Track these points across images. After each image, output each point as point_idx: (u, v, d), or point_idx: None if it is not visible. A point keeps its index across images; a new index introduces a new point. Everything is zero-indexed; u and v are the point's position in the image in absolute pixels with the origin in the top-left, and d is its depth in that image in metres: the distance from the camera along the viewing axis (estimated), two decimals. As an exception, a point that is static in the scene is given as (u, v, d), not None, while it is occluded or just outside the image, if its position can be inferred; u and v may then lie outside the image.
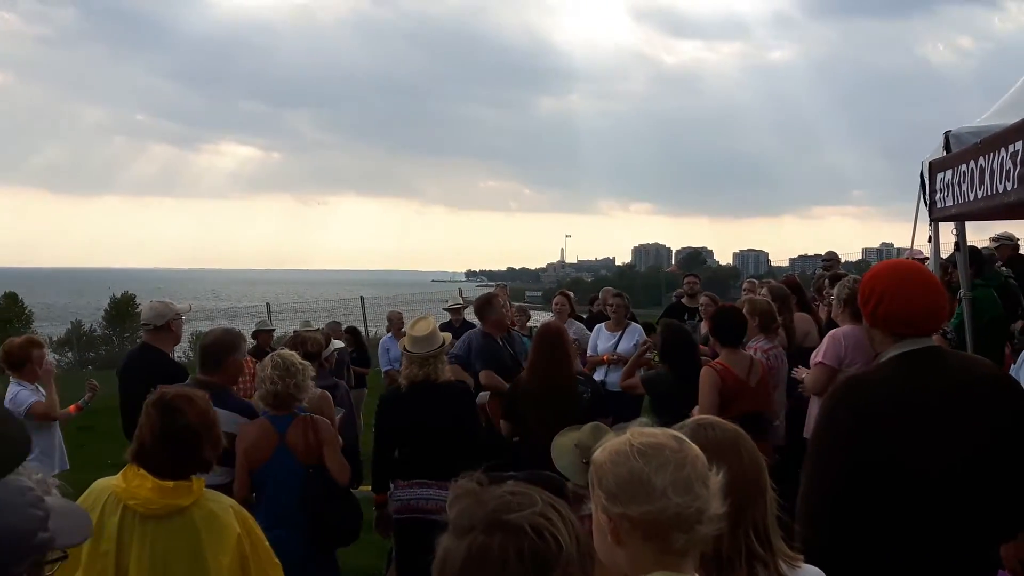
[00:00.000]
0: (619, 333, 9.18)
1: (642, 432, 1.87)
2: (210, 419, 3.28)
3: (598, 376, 8.59)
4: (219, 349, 5.22)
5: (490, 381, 7.14)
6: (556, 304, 9.84)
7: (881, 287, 2.87)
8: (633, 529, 1.76)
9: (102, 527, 3.04)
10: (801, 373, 6.12)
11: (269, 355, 4.98)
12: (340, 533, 4.97)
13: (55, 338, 29.57)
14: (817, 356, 5.82)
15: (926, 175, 6.30)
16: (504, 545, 1.40)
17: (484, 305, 7.81)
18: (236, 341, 5.37)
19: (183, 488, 3.12)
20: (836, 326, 6.13)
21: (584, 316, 11.54)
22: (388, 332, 12.80)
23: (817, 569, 2.10)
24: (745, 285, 9.00)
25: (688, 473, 1.77)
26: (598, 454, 1.86)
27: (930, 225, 6.72)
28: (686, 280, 11.21)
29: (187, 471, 3.15)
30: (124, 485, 3.10)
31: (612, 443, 1.86)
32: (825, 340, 5.84)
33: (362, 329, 20.02)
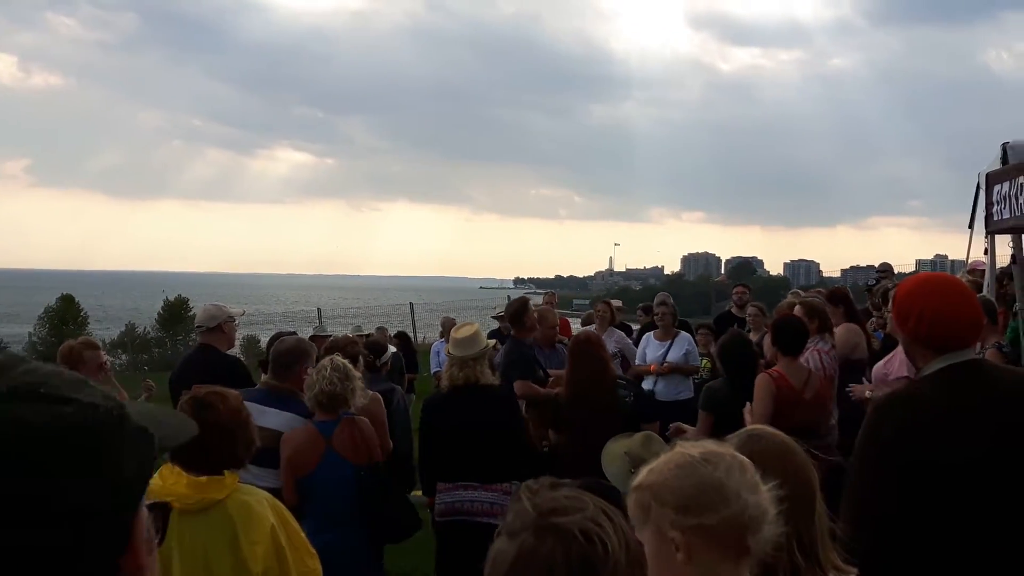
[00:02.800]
0: (668, 342, 9.05)
1: (692, 444, 1.89)
2: (242, 417, 3.36)
3: (646, 385, 8.54)
4: (293, 357, 5.28)
5: (525, 390, 6.98)
6: (598, 312, 9.78)
7: (919, 303, 2.84)
8: (708, 539, 1.76)
9: None
10: (860, 389, 6.02)
11: (326, 359, 5.02)
12: (400, 529, 5.02)
13: (109, 340, 30.06)
14: (900, 371, 5.64)
15: (983, 186, 6.22)
16: (552, 548, 1.41)
17: (517, 312, 7.73)
18: (310, 350, 5.43)
19: (216, 482, 3.20)
20: (894, 340, 6.05)
21: (635, 325, 11.52)
22: (441, 337, 12.96)
23: None
24: (790, 296, 8.92)
25: (751, 475, 1.81)
26: (651, 476, 1.84)
27: (986, 237, 6.64)
28: (736, 290, 11.15)
29: (219, 466, 3.22)
30: (161, 483, 3.17)
31: (666, 460, 1.86)
32: (900, 354, 5.69)
33: (411, 335, 20.14)
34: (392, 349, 7.77)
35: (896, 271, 12.75)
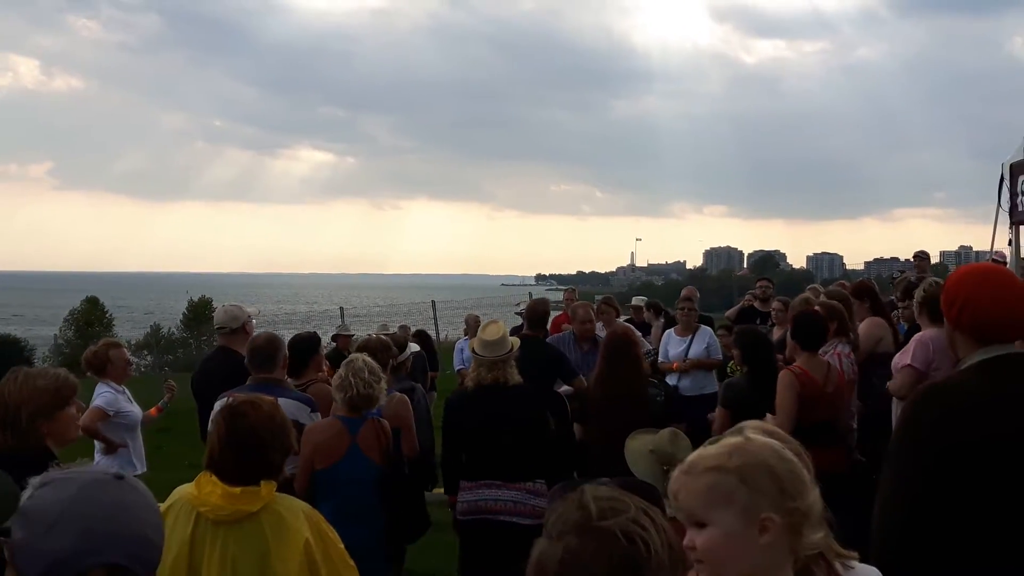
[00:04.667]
0: (689, 337, 9.03)
1: (756, 432, 1.94)
2: (277, 424, 3.29)
3: (670, 381, 8.51)
4: (272, 349, 5.44)
5: (580, 386, 7.11)
6: (600, 311, 9.65)
7: (965, 292, 2.81)
8: (795, 525, 1.83)
9: (175, 532, 3.11)
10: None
11: (357, 359, 5.04)
12: (409, 530, 5.05)
13: (134, 341, 30.25)
14: (904, 359, 5.67)
15: (1007, 177, 6.16)
16: (596, 550, 1.45)
17: (544, 315, 7.78)
18: (282, 340, 5.69)
19: (251, 494, 3.15)
20: (919, 330, 6.01)
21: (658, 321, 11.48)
22: (465, 335, 12.99)
23: (874, 569, 2.08)
24: (806, 292, 8.86)
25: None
26: (733, 459, 1.86)
27: (1011, 228, 6.57)
28: (759, 284, 11.08)
29: (254, 476, 3.18)
30: (196, 492, 3.17)
31: (745, 444, 1.89)
32: (912, 343, 5.69)
33: (433, 333, 20.18)
34: (414, 347, 7.77)
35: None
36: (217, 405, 3.37)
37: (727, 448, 1.88)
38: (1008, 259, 7.29)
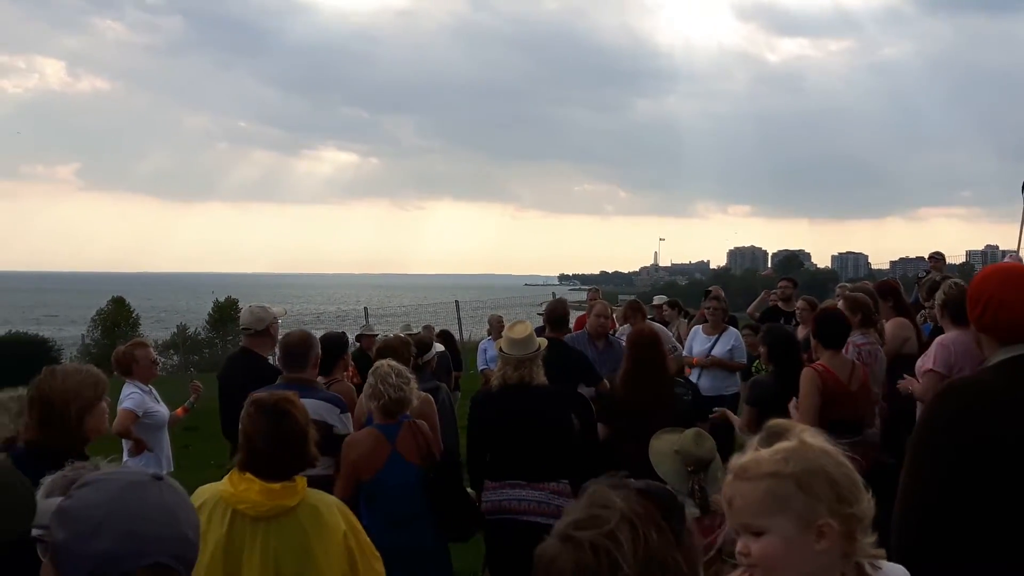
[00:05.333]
0: (715, 336, 9.04)
1: (809, 438, 1.93)
2: (309, 417, 3.42)
3: (691, 379, 8.50)
4: (305, 348, 5.53)
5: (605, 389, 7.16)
6: (626, 313, 9.64)
7: (990, 292, 2.81)
8: (851, 531, 1.84)
9: (210, 531, 3.15)
10: (910, 384, 5.97)
11: (383, 364, 5.09)
12: (463, 527, 5.10)
13: (160, 341, 30.44)
14: (927, 363, 5.63)
15: (1033, 177, 6.11)
16: (566, 558, 1.54)
17: (564, 316, 7.83)
18: (315, 339, 5.77)
19: (289, 488, 3.23)
20: (941, 332, 5.98)
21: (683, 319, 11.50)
22: (488, 335, 13.04)
23: (902, 568, 2.08)
24: (837, 290, 8.85)
25: None
26: (789, 465, 1.86)
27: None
28: (780, 284, 11.04)
29: (294, 471, 3.27)
30: (232, 490, 3.20)
31: (800, 450, 1.88)
32: (933, 347, 5.66)
33: (457, 333, 20.22)
34: (439, 347, 7.80)
35: (947, 262, 12.59)
36: (247, 404, 3.41)
37: (783, 453, 1.88)
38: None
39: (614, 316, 9.82)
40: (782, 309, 10.27)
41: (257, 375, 5.69)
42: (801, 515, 1.82)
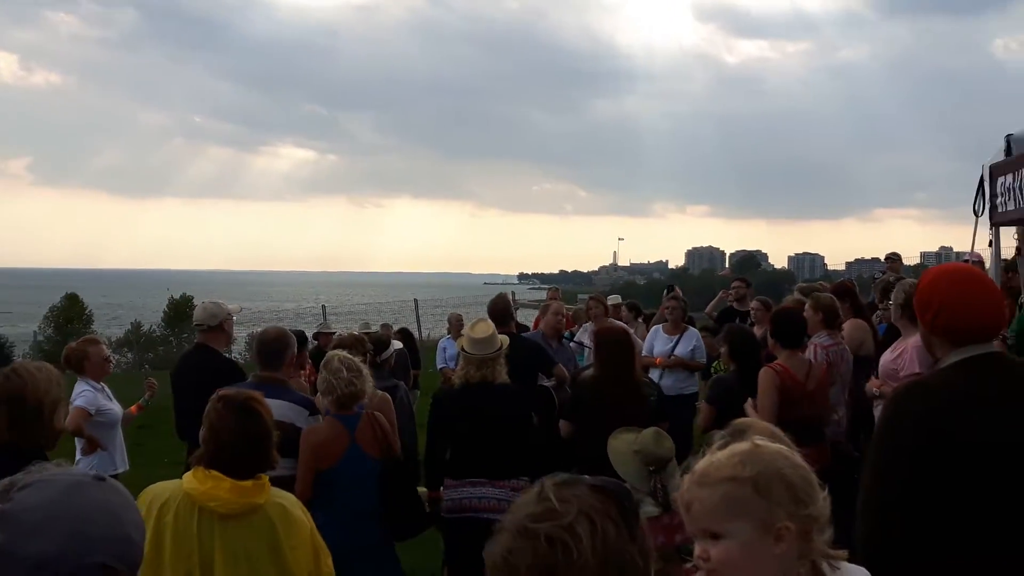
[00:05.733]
0: (677, 337, 9.06)
1: (763, 439, 1.95)
2: (273, 420, 3.41)
3: (652, 378, 8.52)
4: (280, 346, 5.42)
5: (562, 374, 7.24)
6: (591, 308, 9.65)
7: (940, 295, 2.83)
8: (809, 532, 1.85)
9: (178, 530, 3.12)
10: (878, 386, 6.00)
11: (334, 357, 5.05)
12: (413, 523, 5.06)
13: (115, 338, 30.09)
14: (911, 367, 5.57)
15: (987, 178, 6.20)
16: (522, 551, 1.51)
17: (504, 310, 7.74)
18: (292, 337, 5.63)
19: (258, 487, 3.22)
20: (897, 331, 6.02)
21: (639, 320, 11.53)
22: (448, 334, 13.01)
23: (862, 569, 2.09)
24: (795, 294, 8.94)
25: None
26: (746, 469, 1.86)
27: (991, 229, 6.62)
28: (733, 284, 11.09)
29: (260, 469, 3.26)
30: (200, 487, 3.17)
31: (757, 453, 1.89)
32: (911, 351, 5.61)
33: (415, 331, 20.17)
34: (397, 345, 7.75)
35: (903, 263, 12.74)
36: (214, 400, 3.37)
37: (739, 456, 1.88)
38: (987, 261, 7.34)
39: (570, 315, 9.83)
40: (736, 309, 10.33)
41: (212, 370, 5.62)
42: (759, 519, 1.82)
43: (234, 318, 6.45)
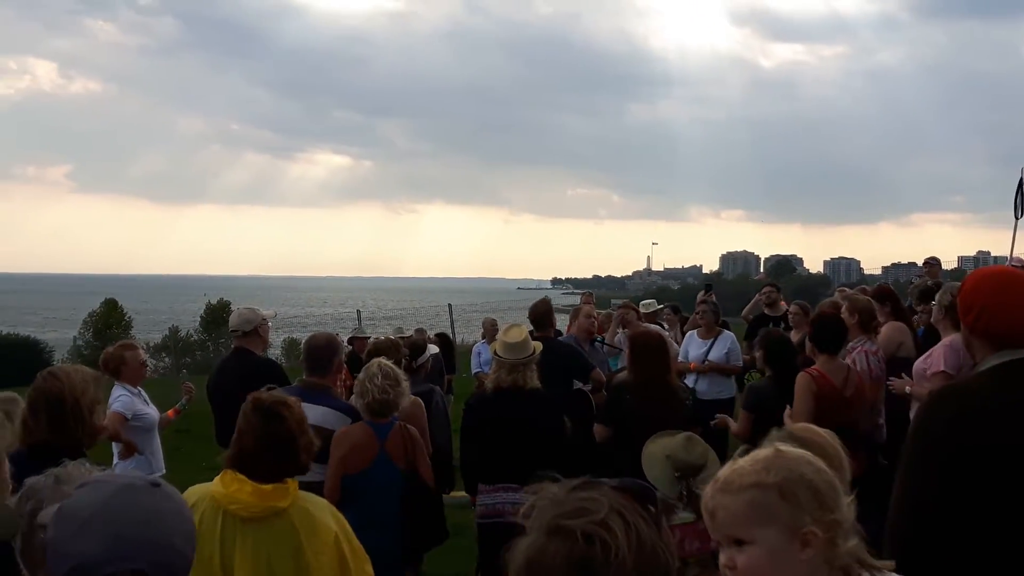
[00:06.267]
0: (711, 341, 8.99)
1: (787, 444, 1.96)
2: (305, 424, 3.38)
3: (687, 383, 8.46)
4: (329, 352, 5.44)
5: (600, 379, 7.22)
6: (624, 316, 9.61)
7: (982, 297, 2.80)
8: (836, 536, 1.83)
9: (202, 532, 3.12)
10: (900, 384, 5.95)
11: (374, 363, 5.07)
12: (434, 536, 5.07)
13: (152, 343, 30.37)
14: (936, 366, 5.57)
15: (1027, 181, 6.11)
16: (557, 549, 1.47)
17: (545, 314, 7.84)
18: (341, 344, 5.70)
19: (281, 490, 3.20)
20: (935, 335, 5.96)
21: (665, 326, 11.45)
22: (483, 339, 13.05)
23: None
24: (835, 295, 8.88)
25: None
26: (770, 475, 1.85)
27: (1029, 232, 6.53)
28: (764, 289, 11.01)
29: (285, 474, 3.24)
30: (224, 491, 3.18)
31: (780, 458, 1.88)
32: (942, 349, 5.59)
33: (450, 335, 20.18)
34: (433, 349, 7.76)
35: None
36: (245, 403, 3.39)
37: (762, 463, 1.87)
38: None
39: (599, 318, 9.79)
40: (768, 315, 10.24)
41: (250, 373, 5.65)
42: (786, 525, 1.81)
43: (269, 323, 6.50)
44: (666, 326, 10.57)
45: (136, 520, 1.67)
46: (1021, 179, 6.36)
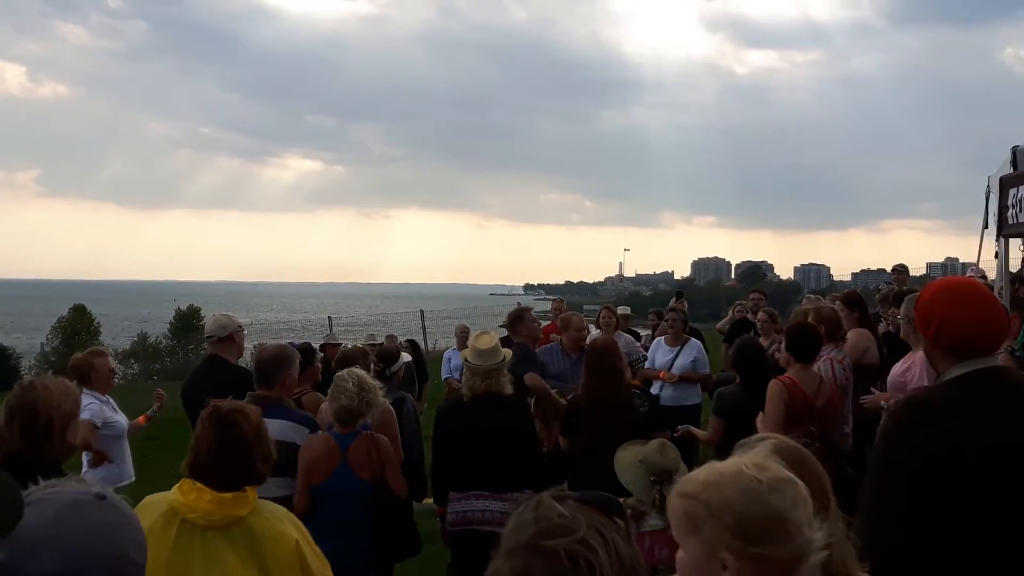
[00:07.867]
0: (678, 348, 8.99)
1: (757, 464, 1.86)
2: (262, 432, 3.36)
3: (653, 390, 8.49)
4: (276, 364, 5.34)
5: (535, 382, 7.19)
6: (602, 318, 9.71)
7: (941, 309, 2.82)
8: (763, 569, 1.75)
9: (156, 541, 3.09)
10: (874, 400, 5.98)
11: (345, 372, 5.05)
12: (403, 547, 5.05)
13: (121, 350, 30.11)
14: (921, 380, 5.57)
15: (994, 190, 6.19)
16: (539, 570, 1.47)
17: (516, 319, 8.03)
18: (292, 355, 5.50)
19: (240, 499, 3.18)
20: (904, 343, 6.01)
21: (643, 331, 11.50)
22: (455, 346, 13.05)
23: None
24: (804, 303, 8.94)
25: (811, 506, 1.81)
26: (709, 491, 1.82)
27: (997, 240, 6.61)
28: (752, 296, 11.05)
29: (242, 482, 3.22)
30: (183, 499, 3.16)
31: (728, 477, 1.83)
32: (920, 364, 5.60)
33: (421, 342, 20.17)
34: (407, 357, 7.75)
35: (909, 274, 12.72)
36: (203, 411, 3.38)
37: (704, 477, 1.86)
38: (994, 272, 7.34)
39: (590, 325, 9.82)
40: (751, 321, 10.31)
41: (223, 382, 5.60)
42: (705, 542, 1.79)
43: (244, 330, 6.46)
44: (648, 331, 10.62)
45: (86, 535, 1.68)
46: (987, 187, 6.43)
